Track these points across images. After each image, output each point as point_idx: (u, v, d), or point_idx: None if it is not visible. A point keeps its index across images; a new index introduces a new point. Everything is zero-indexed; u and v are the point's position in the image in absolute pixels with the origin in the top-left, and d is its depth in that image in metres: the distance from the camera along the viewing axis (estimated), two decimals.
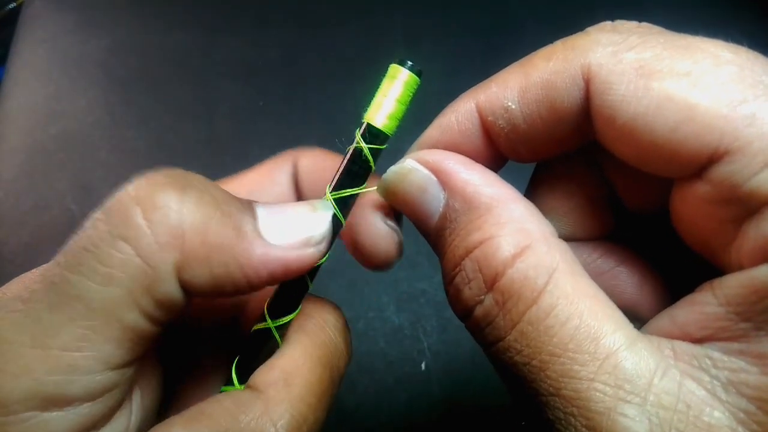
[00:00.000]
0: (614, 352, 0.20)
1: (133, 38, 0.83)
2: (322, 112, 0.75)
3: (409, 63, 0.26)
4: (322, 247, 0.26)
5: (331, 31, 0.82)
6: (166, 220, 0.22)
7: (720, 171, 0.20)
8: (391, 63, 0.26)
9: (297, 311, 0.28)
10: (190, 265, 0.23)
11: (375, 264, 0.28)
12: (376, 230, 0.26)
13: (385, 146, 0.27)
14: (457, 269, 0.23)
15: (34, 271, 0.25)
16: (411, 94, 0.26)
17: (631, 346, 0.20)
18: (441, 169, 0.25)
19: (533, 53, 0.24)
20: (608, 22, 0.23)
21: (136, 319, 0.23)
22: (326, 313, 0.29)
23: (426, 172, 0.25)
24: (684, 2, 0.80)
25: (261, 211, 0.25)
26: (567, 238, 0.28)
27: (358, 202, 0.28)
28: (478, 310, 0.23)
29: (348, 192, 0.27)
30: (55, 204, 0.71)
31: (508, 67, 0.25)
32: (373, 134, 0.26)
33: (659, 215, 0.25)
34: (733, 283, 0.20)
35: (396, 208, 0.27)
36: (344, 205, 0.27)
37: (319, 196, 0.28)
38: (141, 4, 0.86)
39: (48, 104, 0.78)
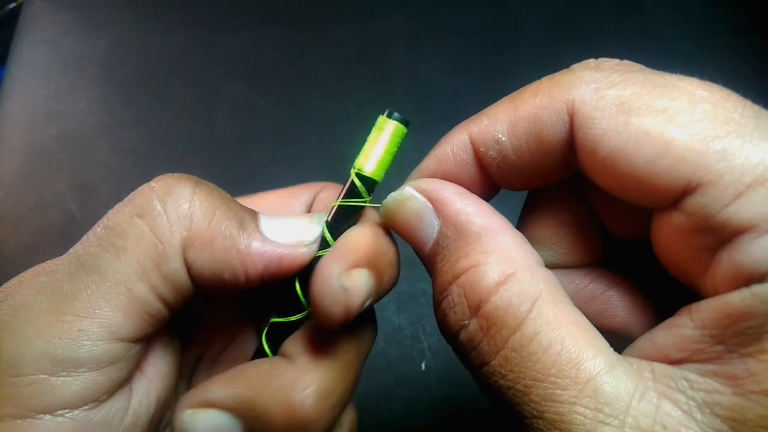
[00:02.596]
0: (594, 376, 0.20)
1: (133, 38, 0.83)
2: (322, 112, 0.75)
3: (396, 114, 0.28)
4: (314, 247, 0.28)
5: (331, 31, 0.81)
6: (178, 204, 0.26)
7: (694, 202, 0.20)
8: (379, 115, 0.28)
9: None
10: (195, 245, 0.26)
11: (317, 318, 0.26)
12: (328, 285, 0.25)
13: (378, 180, 0.29)
14: (444, 294, 0.24)
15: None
16: (398, 143, 0.28)
17: (610, 370, 0.21)
18: (436, 197, 0.26)
19: (522, 88, 0.25)
20: (592, 60, 0.24)
21: (145, 293, 0.25)
22: None
23: (423, 200, 0.26)
24: (682, 3, 0.80)
25: (263, 217, 0.28)
26: (559, 265, 0.29)
27: (331, 251, 0.27)
28: (463, 335, 0.23)
29: (349, 202, 0.29)
30: (55, 204, 0.71)
31: (499, 101, 0.26)
32: (363, 180, 0.28)
33: (645, 242, 0.25)
34: (708, 308, 0.21)
35: (396, 233, 0.28)
36: (343, 221, 0.29)
37: None
38: (141, 4, 0.85)
39: (48, 104, 0.78)
